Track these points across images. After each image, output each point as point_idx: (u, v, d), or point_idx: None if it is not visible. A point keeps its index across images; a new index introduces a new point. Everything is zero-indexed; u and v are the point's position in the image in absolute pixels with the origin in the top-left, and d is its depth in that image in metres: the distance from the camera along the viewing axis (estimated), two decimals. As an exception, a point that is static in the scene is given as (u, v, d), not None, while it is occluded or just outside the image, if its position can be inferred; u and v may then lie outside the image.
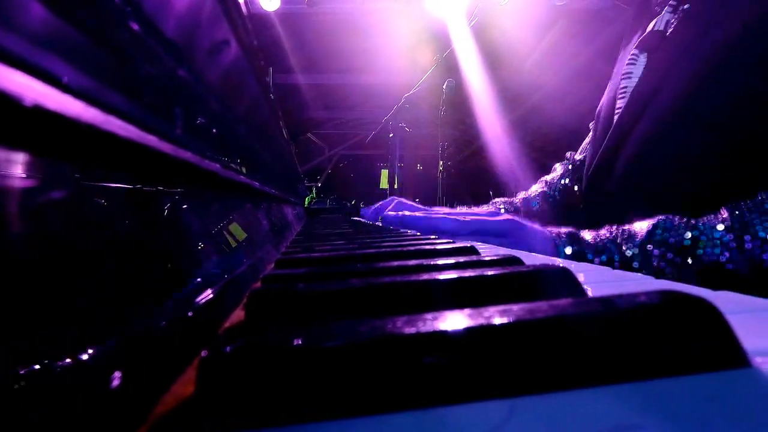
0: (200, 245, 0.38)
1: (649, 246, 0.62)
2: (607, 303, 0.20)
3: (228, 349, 0.18)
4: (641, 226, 0.65)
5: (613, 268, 0.61)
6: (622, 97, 0.87)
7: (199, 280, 0.33)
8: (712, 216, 0.61)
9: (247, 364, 0.17)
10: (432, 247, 0.63)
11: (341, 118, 6.87)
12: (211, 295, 0.32)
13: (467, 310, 0.20)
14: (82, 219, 0.22)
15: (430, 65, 3.58)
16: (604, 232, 0.68)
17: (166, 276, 0.29)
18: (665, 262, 0.62)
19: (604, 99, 0.98)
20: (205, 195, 0.46)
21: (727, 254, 0.58)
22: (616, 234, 0.66)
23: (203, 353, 0.18)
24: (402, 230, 1.16)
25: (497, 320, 0.19)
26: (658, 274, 0.61)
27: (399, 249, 0.61)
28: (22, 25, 0.17)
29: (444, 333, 0.18)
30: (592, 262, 0.67)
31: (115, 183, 0.26)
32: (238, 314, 0.35)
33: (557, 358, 0.18)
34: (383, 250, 0.61)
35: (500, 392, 0.17)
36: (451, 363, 0.18)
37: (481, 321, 0.19)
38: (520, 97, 5.02)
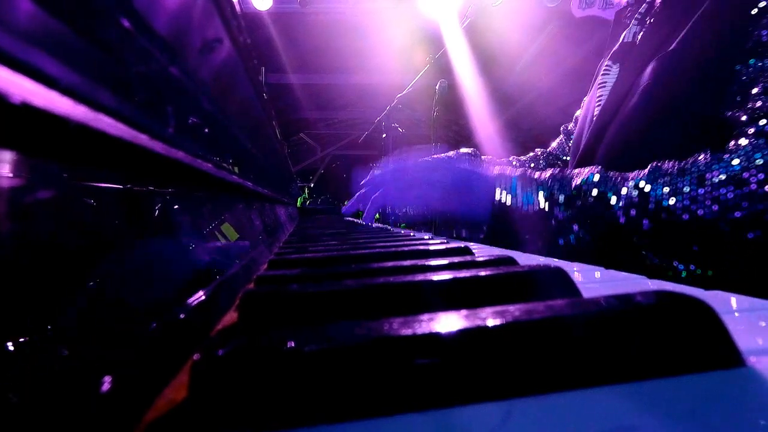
0: (192, 246, 0.37)
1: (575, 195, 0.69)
2: (603, 304, 0.20)
3: (221, 352, 0.17)
4: (581, 173, 0.72)
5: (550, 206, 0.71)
6: (599, 105, 0.93)
7: (190, 281, 0.33)
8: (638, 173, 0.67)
9: (240, 368, 0.17)
10: (425, 247, 0.62)
11: (334, 119, 6.86)
12: (203, 297, 0.32)
13: (464, 311, 0.20)
14: (71, 220, 0.21)
15: (422, 66, 3.58)
16: (547, 174, 0.76)
17: (157, 277, 0.28)
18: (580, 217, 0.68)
19: (582, 109, 1.06)
20: (197, 195, 0.45)
21: (622, 214, 0.63)
22: (555, 178, 0.74)
23: (196, 356, 0.17)
24: (395, 230, 1.16)
25: (494, 321, 0.19)
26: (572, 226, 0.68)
27: (393, 249, 0.61)
28: (9, 21, 0.16)
29: (441, 335, 0.18)
30: (531, 200, 0.75)
31: (105, 183, 0.25)
32: (230, 316, 0.34)
33: (555, 359, 0.18)
34: (377, 250, 0.61)
35: (499, 394, 0.16)
36: (448, 365, 0.17)
37: (477, 322, 0.19)
38: (513, 98, 5.05)
